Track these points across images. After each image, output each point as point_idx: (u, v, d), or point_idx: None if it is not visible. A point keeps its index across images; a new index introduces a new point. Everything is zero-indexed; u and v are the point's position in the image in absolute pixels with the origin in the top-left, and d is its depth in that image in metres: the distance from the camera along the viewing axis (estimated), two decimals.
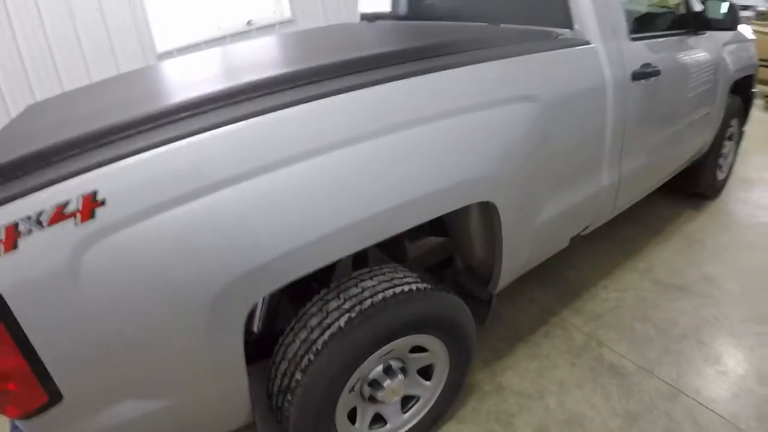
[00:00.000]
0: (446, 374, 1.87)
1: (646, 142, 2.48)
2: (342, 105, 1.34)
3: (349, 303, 1.49)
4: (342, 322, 1.45)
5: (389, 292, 1.54)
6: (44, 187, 1.08)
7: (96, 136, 1.20)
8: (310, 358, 1.42)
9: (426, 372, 1.86)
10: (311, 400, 1.47)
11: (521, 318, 2.59)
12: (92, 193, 1.10)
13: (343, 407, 1.62)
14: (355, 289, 1.54)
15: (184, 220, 1.15)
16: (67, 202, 1.08)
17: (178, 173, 1.15)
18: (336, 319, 1.46)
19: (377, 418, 1.82)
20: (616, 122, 2.15)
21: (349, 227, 1.33)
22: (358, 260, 1.80)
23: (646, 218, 3.46)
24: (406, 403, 1.87)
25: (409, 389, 1.81)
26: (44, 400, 1.19)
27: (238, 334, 1.28)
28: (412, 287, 1.59)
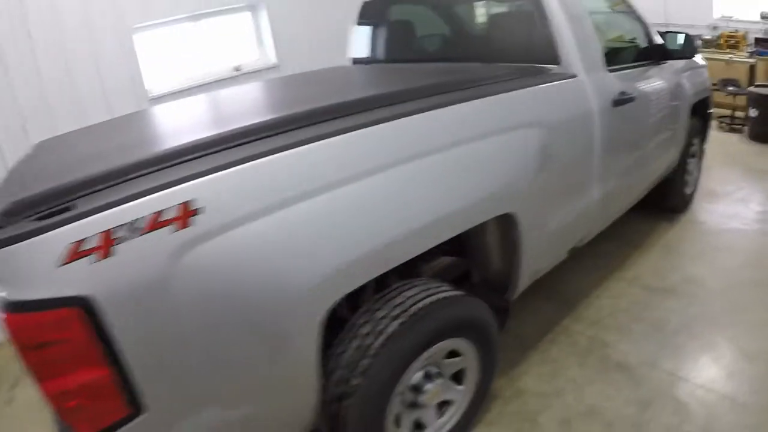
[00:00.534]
0: (476, 377, 2.03)
1: (626, 161, 2.77)
2: (389, 132, 1.54)
3: (397, 310, 1.65)
4: (394, 326, 1.60)
5: (430, 299, 1.71)
6: (141, 197, 1.14)
7: (187, 151, 1.32)
8: (367, 363, 1.56)
9: (458, 378, 2.00)
10: (368, 404, 1.59)
11: (527, 329, 2.78)
12: (188, 202, 1.18)
13: (391, 413, 1.75)
14: (399, 299, 1.70)
15: (269, 229, 1.27)
16: (164, 211, 1.15)
17: (265, 185, 1.28)
18: (387, 325, 1.61)
19: (416, 427, 1.94)
20: (602, 142, 2.42)
21: (401, 238, 1.52)
22: (379, 283, 1.88)
23: (625, 234, 3.74)
24: (441, 408, 2.00)
25: (444, 394, 1.95)
26: (124, 414, 1.21)
27: (316, 338, 1.41)
28: (448, 294, 1.78)
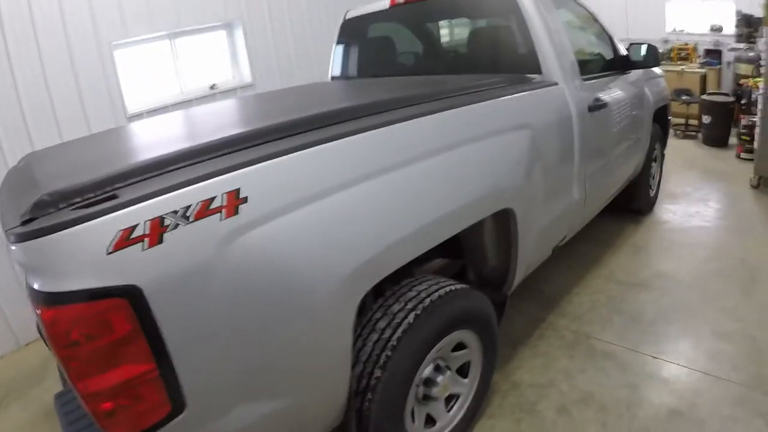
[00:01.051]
0: (479, 370, 2.15)
1: (601, 163, 2.98)
2: (412, 129, 1.68)
3: (412, 303, 1.76)
4: (411, 318, 1.71)
5: (441, 292, 1.83)
6: (189, 185, 1.15)
7: (232, 142, 1.37)
8: (388, 354, 1.65)
9: (462, 372, 2.12)
10: (389, 397, 1.68)
11: (516, 327, 2.93)
12: (236, 191, 1.20)
13: (409, 406, 1.84)
14: (411, 293, 1.81)
15: (310, 218, 1.34)
16: (213, 198, 1.17)
17: (307, 176, 1.35)
18: (404, 318, 1.71)
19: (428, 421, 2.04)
20: (581, 145, 2.62)
21: (420, 230, 1.65)
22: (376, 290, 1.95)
23: (597, 235, 3.98)
24: (448, 403, 2.11)
25: (452, 388, 2.06)
26: (166, 413, 1.19)
27: (351, 328, 1.50)
28: (455, 287, 1.90)
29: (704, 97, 6.42)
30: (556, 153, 2.41)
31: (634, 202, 4.21)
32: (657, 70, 4.11)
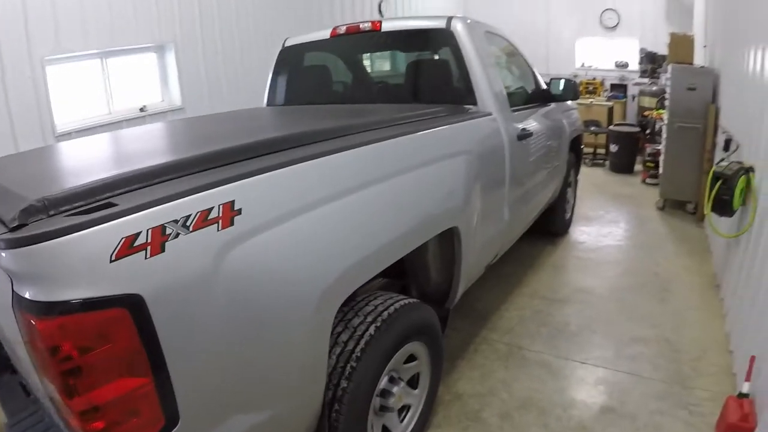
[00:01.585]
0: (428, 380, 2.33)
1: (527, 187, 3.31)
2: (381, 150, 1.89)
3: (371, 317, 1.90)
4: (372, 330, 1.85)
5: (396, 306, 1.99)
6: (188, 195, 1.18)
7: (224, 155, 1.46)
8: (353, 365, 1.77)
9: (412, 383, 2.27)
10: (356, 406, 1.79)
11: (453, 343, 3.14)
12: (230, 203, 1.25)
13: (371, 416, 1.95)
14: (369, 307, 1.95)
15: (294, 231, 1.44)
16: (211, 209, 1.20)
17: (293, 191, 1.47)
18: (365, 330, 1.85)
19: None
20: (511, 170, 2.92)
21: (388, 244, 1.85)
22: None
23: (520, 257, 4.34)
24: (400, 414, 2.24)
25: (405, 399, 2.21)
26: (159, 427, 1.18)
27: (327, 339, 1.62)
28: (408, 301, 2.07)
29: (611, 127, 7.18)
30: (491, 177, 2.68)
31: (552, 225, 4.64)
32: (571, 103, 4.60)
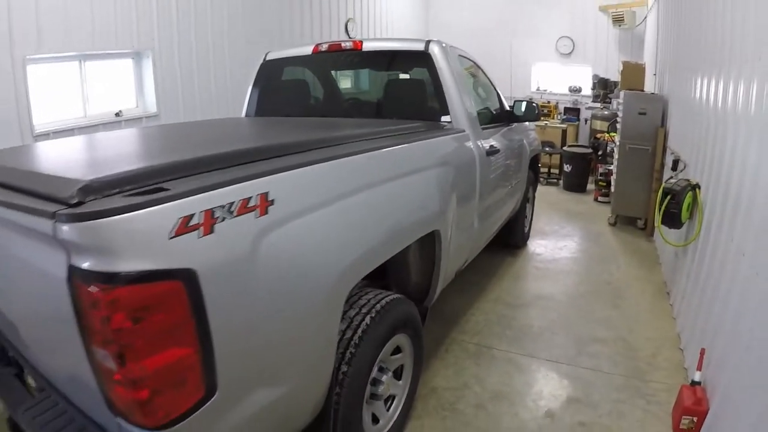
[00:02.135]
0: (411, 372, 2.57)
1: (493, 199, 3.64)
2: (378, 158, 2.17)
3: (365, 309, 2.13)
4: (367, 320, 2.08)
5: (387, 299, 2.23)
6: (230, 184, 1.35)
7: (261, 152, 1.70)
8: (352, 351, 1.99)
9: (396, 375, 2.51)
10: (354, 390, 2.00)
11: (425, 343, 3.39)
12: (265, 194, 1.44)
13: (365, 401, 2.17)
14: (362, 301, 2.18)
15: (316, 222, 1.67)
16: (250, 198, 1.38)
17: (316, 187, 1.71)
18: (362, 320, 2.07)
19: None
20: (480, 183, 3.23)
21: (391, 237, 2.12)
22: None
23: (483, 267, 4.66)
24: (386, 403, 2.46)
25: (390, 390, 2.43)
26: (199, 397, 1.31)
27: (338, 320, 1.84)
28: (395, 296, 2.32)
29: (565, 148, 7.71)
30: (464, 188, 2.98)
31: (512, 238, 5.03)
32: (530, 124, 5.02)
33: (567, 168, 7.48)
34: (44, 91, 4.07)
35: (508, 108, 4.13)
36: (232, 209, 1.37)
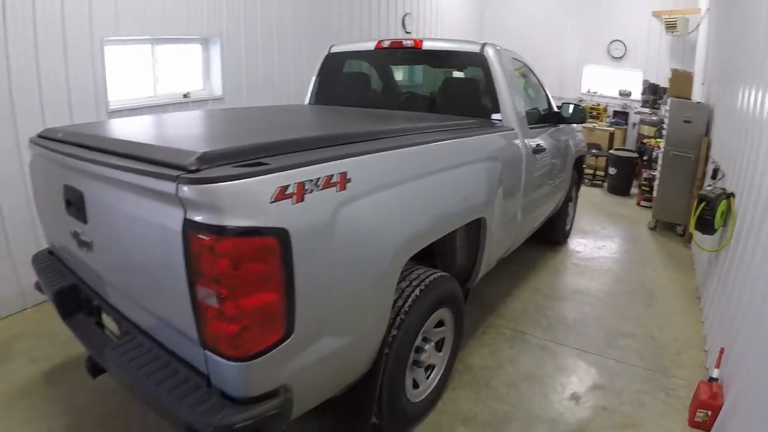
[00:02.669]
0: (450, 346, 2.85)
1: (537, 195, 3.87)
2: (440, 148, 2.50)
3: (415, 282, 2.42)
4: (417, 292, 2.37)
5: (434, 276, 2.52)
6: (318, 163, 1.67)
7: (342, 137, 2.04)
8: (402, 318, 2.29)
9: (438, 347, 2.79)
10: (402, 350, 2.31)
11: (465, 325, 3.66)
12: (345, 173, 1.75)
13: (409, 365, 2.47)
14: (413, 276, 2.47)
15: (384, 200, 1.97)
16: (332, 176, 1.69)
17: (385, 170, 2.01)
18: (412, 292, 2.36)
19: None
20: (526, 179, 3.48)
21: (442, 219, 2.41)
22: None
23: (523, 259, 4.91)
24: (426, 372, 2.74)
25: (431, 360, 2.72)
26: (279, 336, 1.58)
27: (394, 286, 2.14)
28: (442, 274, 2.60)
29: (611, 151, 7.80)
30: (510, 182, 3.24)
31: (553, 234, 5.24)
32: (577, 126, 5.20)
33: (612, 171, 7.58)
34: (119, 71, 4.44)
35: (555, 109, 4.33)
36: (319, 183, 1.68)
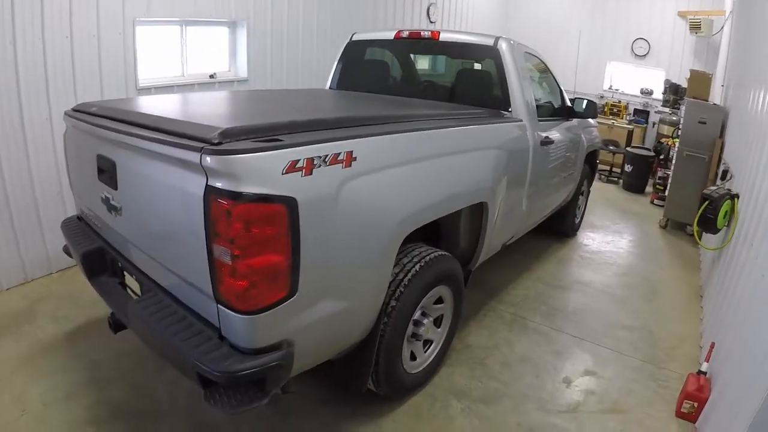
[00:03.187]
0: (449, 323, 3.01)
1: (543, 186, 4.00)
2: (442, 134, 2.66)
3: (416, 258, 2.58)
4: (417, 267, 2.53)
5: (435, 254, 2.67)
6: (326, 142, 1.88)
7: (350, 120, 2.23)
8: (401, 290, 2.45)
9: (436, 324, 2.96)
10: (399, 321, 2.47)
11: (466, 307, 3.76)
12: (350, 152, 1.95)
13: (406, 336, 2.64)
14: (415, 252, 2.62)
15: (386, 178, 2.15)
16: (339, 154, 1.89)
17: (388, 151, 2.19)
18: (412, 267, 2.52)
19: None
20: (532, 169, 3.61)
21: (442, 200, 2.56)
22: None
23: (527, 249, 5.05)
24: (425, 346, 2.91)
25: (429, 335, 2.89)
26: (283, 294, 1.76)
27: (393, 259, 2.31)
28: (443, 253, 2.76)
29: (628, 149, 7.84)
30: (516, 171, 3.37)
31: (561, 226, 5.36)
32: (592, 121, 5.29)
33: (628, 168, 7.62)
34: (149, 50, 4.64)
35: (568, 103, 4.44)
36: (326, 160, 1.88)
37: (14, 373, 2.84)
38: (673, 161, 5.95)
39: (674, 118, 7.75)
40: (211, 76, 5.23)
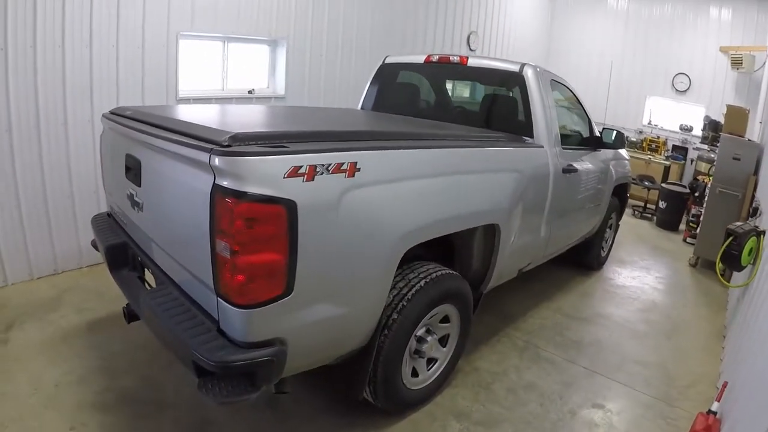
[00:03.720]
0: (455, 343, 3.01)
1: (564, 214, 3.97)
2: (457, 153, 2.75)
3: (422, 274, 2.61)
4: (422, 283, 2.56)
5: (442, 272, 2.70)
6: (331, 152, 1.98)
7: (355, 134, 2.34)
8: (404, 304, 2.49)
9: (442, 343, 2.97)
10: (400, 334, 2.50)
11: (479, 331, 3.81)
12: (354, 162, 2.04)
13: (407, 351, 2.65)
14: (422, 268, 2.66)
15: (390, 192, 2.21)
16: (343, 164, 1.98)
17: (395, 165, 2.26)
18: (417, 282, 2.56)
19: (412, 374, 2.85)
20: (552, 196, 3.60)
21: (449, 218, 2.60)
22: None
23: (551, 278, 4.99)
24: (428, 364, 2.92)
25: (434, 352, 2.90)
26: (279, 292, 1.84)
27: (393, 271, 2.35)
28: (450, 271, 2.78)
29: (663, 185, 7.69)
30: (534, 196, 3.38)
31: (586, 258, 5.28)
32: (624, 153, 5.23)
33: (662, 204, 7.47)
34: (190, 62, 4.87)
35: (597, 134, 4.42)
36: (329, 168, 1.97)
37: (35, 356, 3.00)
38: (706, 198, 5.81)
39: (712, 155, 7.56)
40: (250, 92, 5.43)
